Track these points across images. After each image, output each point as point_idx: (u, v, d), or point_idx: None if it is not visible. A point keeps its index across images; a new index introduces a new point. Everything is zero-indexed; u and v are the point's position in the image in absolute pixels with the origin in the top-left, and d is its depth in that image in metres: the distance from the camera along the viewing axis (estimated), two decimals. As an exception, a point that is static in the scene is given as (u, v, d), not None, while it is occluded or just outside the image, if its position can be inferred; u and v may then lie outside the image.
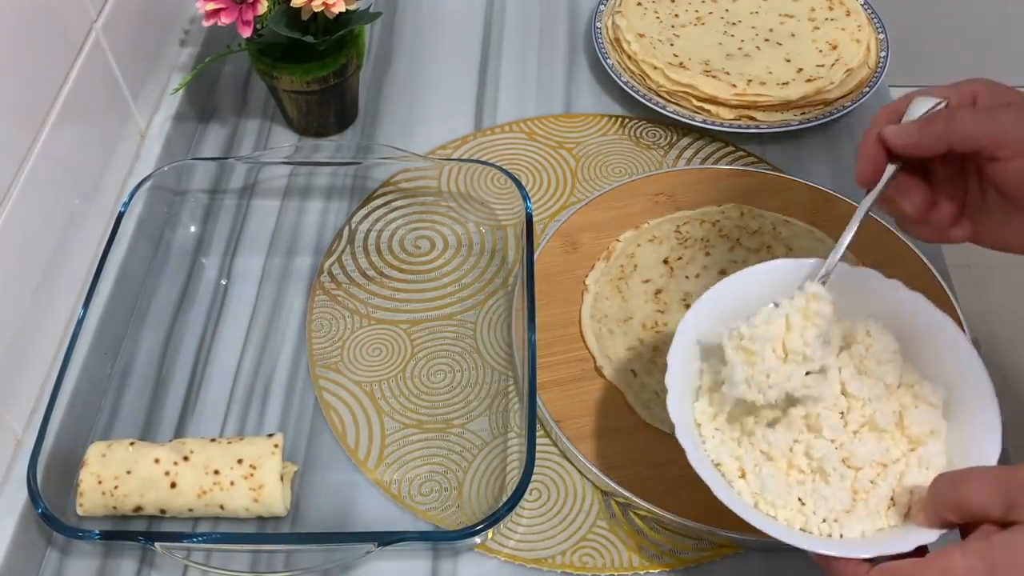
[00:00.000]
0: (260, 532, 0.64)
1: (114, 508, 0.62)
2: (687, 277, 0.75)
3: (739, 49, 0.91)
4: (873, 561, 0.50)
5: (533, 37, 0.99)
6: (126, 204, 0.75)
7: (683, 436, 0.55)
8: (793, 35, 0.92)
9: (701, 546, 0.63)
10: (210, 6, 0.77)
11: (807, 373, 0.56)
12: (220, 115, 0.92)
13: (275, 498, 0.62)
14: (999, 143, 0.52)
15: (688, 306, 0.73)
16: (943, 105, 0.55)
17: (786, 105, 0.87)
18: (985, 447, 0.55)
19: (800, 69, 0.89)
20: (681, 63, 0.89)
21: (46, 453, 0.62)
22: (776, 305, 0.57)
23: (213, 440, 0.64)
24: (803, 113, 0.87)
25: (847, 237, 0.58)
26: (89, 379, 0.68)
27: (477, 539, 0.62)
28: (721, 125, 0.86)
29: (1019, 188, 0.53)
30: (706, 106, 0.87)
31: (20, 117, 0.66)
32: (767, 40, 0.92)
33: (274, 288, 0.78)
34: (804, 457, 0.56)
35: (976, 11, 1.81)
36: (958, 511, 0.49)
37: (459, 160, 0.86)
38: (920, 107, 0.56)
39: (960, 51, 1.86)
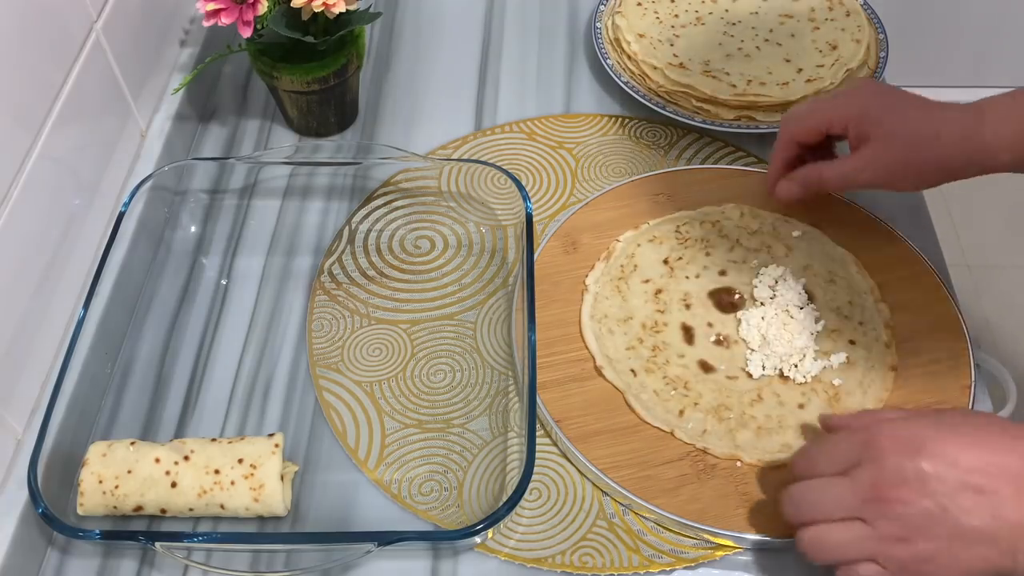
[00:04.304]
0: (260, 532, 0.64)
1: (114, 508, 0.62)
2: (687, 277, 0.75)
3: (739, 49, 0.91)
4: None
5: (533, 37, 0.99)
6: (126, 204, 0.75)
7: None
8: (793, 35, 0.92)
9: (701, 546, 0.63)
10: (210, 6, 0.77)
11: None
12: (220, 115, 0.92)
13: (275, 498, 0.62)
14: (855, 184, 0.72)
15: (688, 306, 0.73)
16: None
17: (786, 105, 0.86)
18: None
19: (800, 69, 0.89)
20: (681, 63, 0.89)
21: (46, 453, 0.62)
22: None
23: (213, 440, 0.64)
24: (803, 113, 0.87)
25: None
26: (89, 379, 0.68)
27: (477, 539, 0.62)
28: (721, 125, 0.86)
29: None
30: (706, 106, 0.87)
31: (20, 117, 0.66)
32: (767, 40, 0.92)
33: (274, 288, 0.78)
34: None
35: (976, 11, 1.81)
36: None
37: (459, 160, 0.86)
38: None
39: (960, 51, 1.86)
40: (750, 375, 0.70)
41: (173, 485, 0.62)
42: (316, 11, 0.77)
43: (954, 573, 0.54)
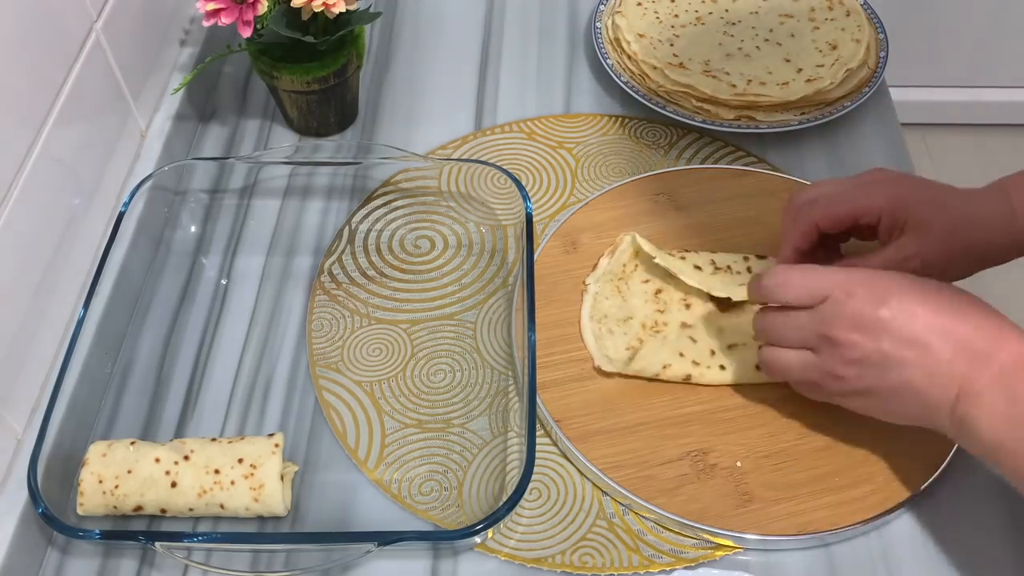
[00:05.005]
0: (260, 532, 0.64)
1: (114, 508, 0.62)
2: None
3: (739, 49, 0.91)
4: None
5: (533, 37, 0.99)
6: (126, 204, 0.75)
7: None
8: (793, 35, 0.92)
9: (701, 546, 0.63)
10: (210, 6, 0.77)
11: None
12: (220, 115, 0.92)
13: (275, 498, 0.62)
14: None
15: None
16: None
17: (786, 105, 0.87)
18: None
19: (800, 69, 0.89)
20: (681, 63, 0.89)
21: (46, 453, 0.62)
22: None
23: (213, 440, 0.64)
24: (803, 113, 0.87)
25: None
26: (89, 379, 0.68)
27: (477, 539, 0.62)
28: (721, 125, 0.86)
29: None
30: (706, 106, 0.87)
31: (20, 117, 0.66)
32: (767, 40, 0.92)
33: (274, 288, 0.78)
34: None
35: (976, 11, 1.81)
36: None
37: (459, 160, 0.86)
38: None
39: (960, 51, 1.86)
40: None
41: (173, 485, 0.62)
42: (316, 11, 0.77)
43: (879, 414, 0.60)
